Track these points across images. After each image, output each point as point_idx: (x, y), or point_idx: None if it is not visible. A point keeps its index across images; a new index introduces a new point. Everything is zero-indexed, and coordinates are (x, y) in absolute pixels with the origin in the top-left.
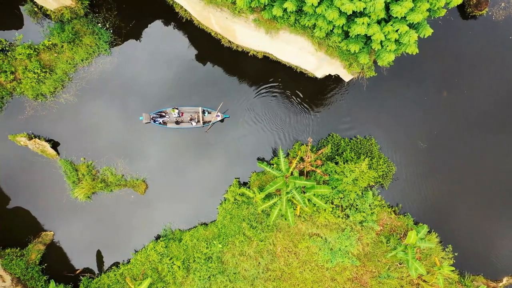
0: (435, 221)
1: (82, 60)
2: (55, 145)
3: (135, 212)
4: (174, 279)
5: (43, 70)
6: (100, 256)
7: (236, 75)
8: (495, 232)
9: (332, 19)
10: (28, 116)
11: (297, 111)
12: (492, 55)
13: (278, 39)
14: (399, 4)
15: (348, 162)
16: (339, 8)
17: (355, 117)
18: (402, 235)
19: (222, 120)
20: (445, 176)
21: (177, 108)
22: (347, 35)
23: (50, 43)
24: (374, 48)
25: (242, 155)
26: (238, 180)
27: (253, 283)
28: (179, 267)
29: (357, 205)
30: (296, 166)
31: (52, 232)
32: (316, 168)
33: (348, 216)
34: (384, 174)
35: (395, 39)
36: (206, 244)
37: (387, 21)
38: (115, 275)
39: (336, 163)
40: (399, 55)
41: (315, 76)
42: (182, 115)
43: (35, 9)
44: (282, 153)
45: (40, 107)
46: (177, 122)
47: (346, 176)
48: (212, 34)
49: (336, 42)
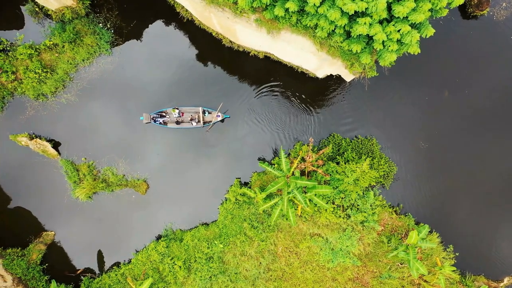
0: (436, 221)
1: (83, 60)
2: (56, 145)
3: (136, 212)
4: (175, 279)
5: (44, 70)
6: (101, 256)
7: (237, 75)
8: (496, 232)
9: (334, 19)
10: (29, 116)
11: (298, 111)
12: (493, 55)
13: (280, 39)
14: (401, 4)
15: (349, 162)
16: (341, 8)
17: (356, 117)
18: (403, 235)
19: (222, 120)
20: (446, 176)
21: (177, 108)
22: (349, 35)
23: (51, 43)
24: (376, 48)
25: (243, 155)
26: (239, 180)
27: (254, 283)
28: (180, 267)
29: (358, 205)
30: (297, 166)
31: (53, 232)
32: (317, 168)
33: (349, 216)
34: (385, 174)
35: (397, 39)
36: (207, 244)
37: (389, 21)
38: (116, 275)
39: (337, 163)
40: (400, 55)
41: (316, 76)
42: (183, 115)
43: (36, 9)
44: (283, 153)
45: (41, 107)
46: (177, 122)
47: (347, 176)
48: (213, 34)
49: (338, 42)
